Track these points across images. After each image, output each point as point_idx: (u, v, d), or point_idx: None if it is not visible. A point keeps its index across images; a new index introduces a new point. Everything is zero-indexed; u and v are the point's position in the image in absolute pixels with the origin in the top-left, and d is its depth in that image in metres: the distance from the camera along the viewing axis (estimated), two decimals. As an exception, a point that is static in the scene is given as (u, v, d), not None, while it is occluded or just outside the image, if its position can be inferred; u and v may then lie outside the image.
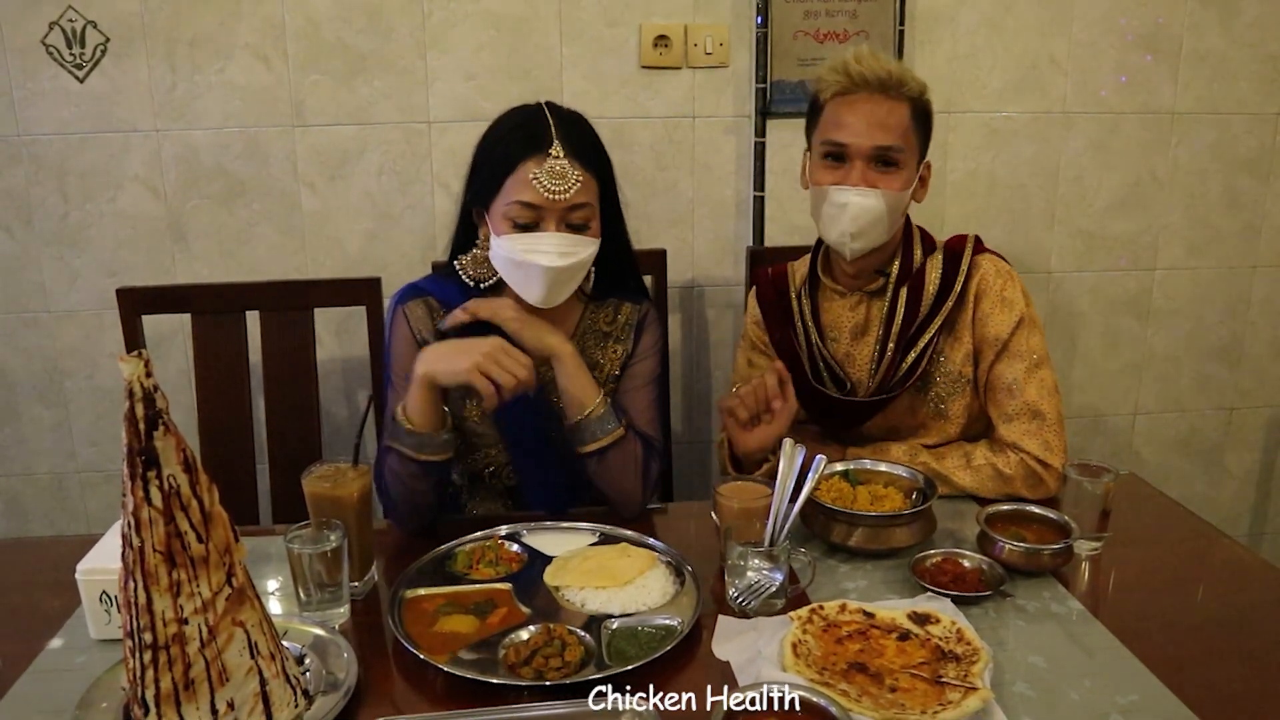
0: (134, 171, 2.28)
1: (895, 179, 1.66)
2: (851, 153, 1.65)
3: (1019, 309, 1.72)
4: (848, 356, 1.80)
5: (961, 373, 1.74)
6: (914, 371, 1.72)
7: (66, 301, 2.36)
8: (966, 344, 1.74)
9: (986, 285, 1.73)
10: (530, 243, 1.56)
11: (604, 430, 1.61)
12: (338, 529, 1.33)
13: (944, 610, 1.30)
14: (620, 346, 1.76)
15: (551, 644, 1.24)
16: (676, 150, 2.39)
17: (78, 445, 2.47)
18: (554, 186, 1.54)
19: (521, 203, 1.55)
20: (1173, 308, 2.69)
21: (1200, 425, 2.81)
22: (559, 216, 1.56)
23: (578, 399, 1.61)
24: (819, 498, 1.51)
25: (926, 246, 1.78)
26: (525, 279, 1.59)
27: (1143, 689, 1.19)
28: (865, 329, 1.78)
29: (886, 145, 1.64)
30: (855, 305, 1.79)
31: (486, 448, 1.74)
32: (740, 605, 1.35)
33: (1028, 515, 1.53)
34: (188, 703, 1.08)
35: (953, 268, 1.74)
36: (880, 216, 1.66)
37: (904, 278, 1.75)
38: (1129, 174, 2.56)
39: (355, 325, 2.34)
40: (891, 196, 1.65)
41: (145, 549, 1.05)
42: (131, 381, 1.02)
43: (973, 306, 1.73)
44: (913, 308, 1.73)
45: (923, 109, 1.68)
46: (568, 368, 1.61)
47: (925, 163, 1.73)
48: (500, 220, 1.59)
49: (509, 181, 1.56)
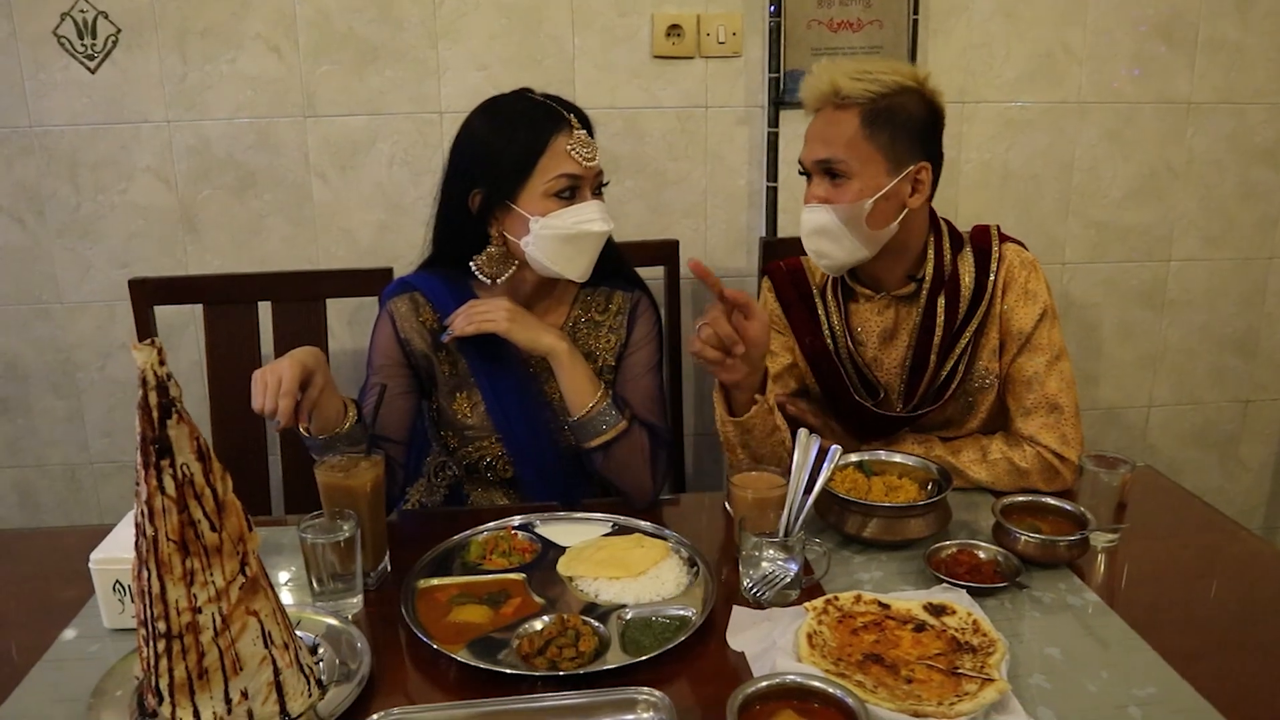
0: (145, 162, 2.28)
1: (844, 190, 1.60)
2: (807, 169, 1.66)
3: (1042, 301, 1.70)
4: (875, 361, 1.77)
5: (989, 368, 1.72)
6: (952, 380, 1.71)
7: (79, 293, 2.36)
8: (993, 339, 1.72)
9: (1012, 276, 1.71)
10: (580, 213, 1.60)
11: (608, 424, 1.61)
12: (351, 519, 1.33)
13: (960, 601, 1.29)
14: (614, 336, 1.76)
15: (565, 634, 1.24)
16: (689, 140, 2.37)
17: (90, 436, 2.47)
18: (587, 154, 1.60)
19: (566, 175, 1.58)
20: (1188, 299, 2.67)
21: (1215, 417, 2.79)
22: (592, 184, 1.62)
23: (578, 395, 1.61)
24: (833, 488, 1.51)
25: (954, 243, 1.73)
26: (577, 252, 1.61)
27: (1160, 681, 1.18)
28: (894, 334, 1.75)
29: (824, 158, 1.61)
30: (883, 309, 1.75)
31: (480, 440, 1.73)
32: (755, 596, 1.34)
33: (1044, 507, 1.52)
34: (201, 692, 1.08)
35: (983, 266, 1.71)
36: (834, 230, 1.62)
37: (939, 283, 1.70)
38: (1144, 164, 2.54)
39: (367, 316, 2.33)
40: (843, 210, 1.60)
41: (159, 538, 1.05)
42: (145, 370, 1.02)
43: (1000, 300, 1.71)
44: (951, 314, 1.70)
45: (884, 112, 1.58)
46: (565, 365, 1.61)
47: (918, 166, 1.62)
48: (540, 200, 1.59)
49: (544, 160, 1.58)
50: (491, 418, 1.70)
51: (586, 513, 1.60)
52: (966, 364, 1.71)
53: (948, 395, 1.71)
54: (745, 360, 1.52)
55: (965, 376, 1.72)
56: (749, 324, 1.49)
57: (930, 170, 1.65)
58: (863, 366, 1.76)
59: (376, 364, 1.70)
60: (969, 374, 1.72)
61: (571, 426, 1.63)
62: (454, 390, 1.70)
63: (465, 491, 1.80)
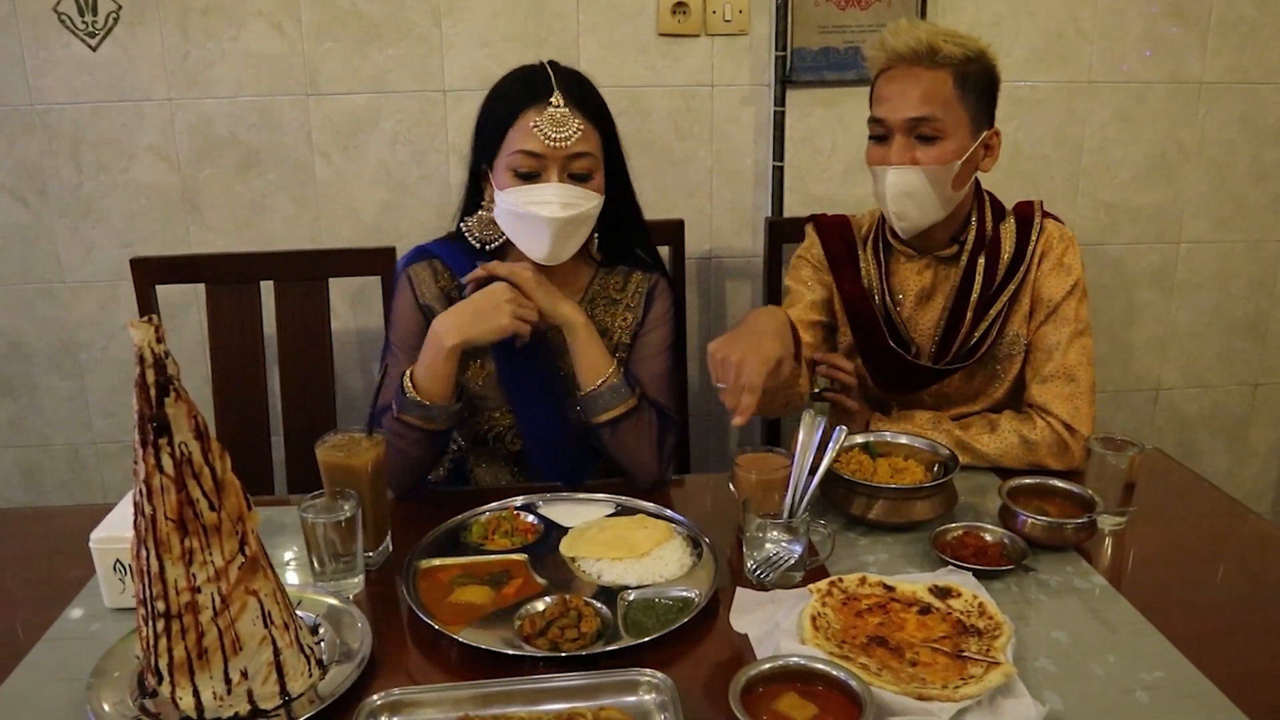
0: (147, 141, 2.27)
1: (936, 151, 1.61)
2: (890, 128, 1.63)
3: (1075, 274, 1.72)
4: (910, 320, 1.79)
5: (1019, 334, 1.74)
6: (984, 341, 1.72)
7: (81, 272, 2.35)
8: (1026, 305, 1.74)
9: (1050, 247, 1.73)
10: (532, 194, 1.55)
11: (617, 399, 1.59)
12: (352, 499, 1.32)
13: (965, 584, 1.28)
14: (630, 315, 1.74)
15: (567, 615, 1.23)
16: (695, 119, 2.35)
17: (93, 416, 2.47)
18: (555, 134, 1.53)
19: (523, 151, 1.55)
20: (1197, 281, 2.64)
21: (1224, 401, 2.77)
22: (560, 166, 1.56)
23: (590, 369, 1.60)
24: (838, 470, 1.50)
25: (996, 212, 1.76)
26: (528, 232, 1.58)
27: (1167, 665, 1.17)
28: (931, 294, 1.77)
29: (919, 116, 1.60)
30: (923, 270, 1.77)
31: (490, 411, 1.72)
32: (758, 578, 1.33)
33: (1051, 489, 1.51)
34: (201, 672, 1.08)
35: (1025, 234, 1.73)
36: (922, 192, 1.63)
37: (980, 245, 1.73)
38: (1155, 145, 2.51)
39: (370, 296, 2.33)
40: (934, 171, 1.61)
41: (157, 517, 1.04)
42: (142, 347, 1.01)
43: (1036, 267, 1.73)
44: (990, 275, 1.72)
45: (974, 75, 1.63)
46: (580, 338, 1.60)
47: (992, 130, 1.68)
48: (503, 173, 1.58)
49: (510, 133, 1.56)
50: (503, 388, 1.69)
51: (590, 494, 1.59)
52: (1000, 327, 1.73)
53: (978, 356, 1.73)
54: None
55: (997, 340, 1.74)
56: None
57: (1000, 136, 1.69)
58: (897, 322, 1.78)
59: (398, 332, 1.69)
60: (1000, 337, 1.74)
61: (581, 401, 1.62)
62: (468, 358, 1.69)
63: (470, 467, 1.79)
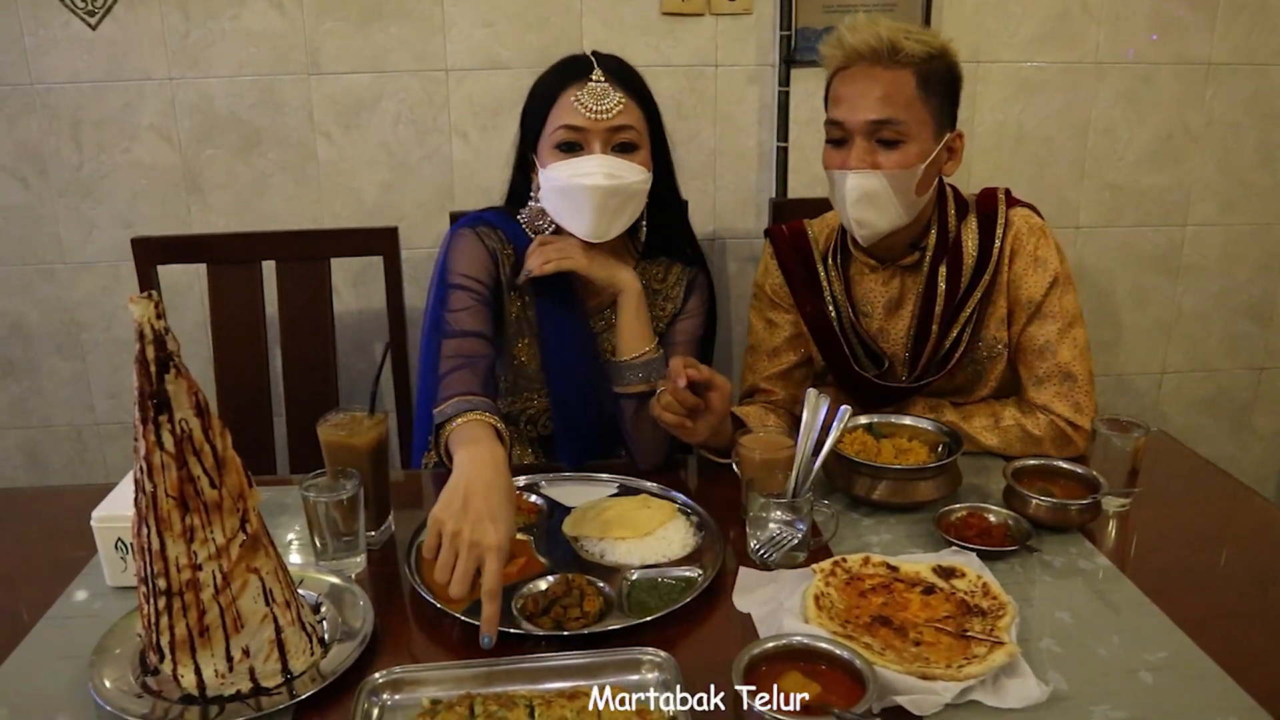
0: (148, 121, 2.25)
1: (899, 156, 1.54)
2: (849, 130, 1.55)
3: (1052, 268, 1.65)
4: (881, 332, 1.74)
5: (996, 337, 1.69)
6: (955, 349, 1.67)
7: (82, 253, 2.34)
8: (1001, 308, 1.68)
9: (1020, 244, 1.66)
10: (575, 166, 1.56)
11: (651, 376, 1.60)
12: (353, 478, 1.31)
13: (970, 565, 1.28)
14: (670, 304, 1.75)
15: (570, 594, 1.23)
16: (698, 100, 2.34)
17: (96, 398, 2.46)
18: (596, 106, 1.54)
19: (565, 126, 1.56)
20: (1203, 265, 2.63)
21: (1229, 385, 2.76)
22: (604, 139, 1.56)
23: (635, 339, 1.60)
24: (842, 451, 1.49)
25: (960, 209, 1.69)
26: (574, 207, 1.58)
27: (1172, 646, 1.16)
28: (900, 303, 1.72)
29: (880, 119, 1.52)
30: (889, 280, 1.71)
31: (528, 392, 1.72)
32: (761, 557, 1.33)
33: (1055, 470, 1.51)
34: (203, 649, 1.07)
35: (988, 233, 1.66)
36: (883, 199, 1.56)
37: (941, 252, 1.66)
38: (1161, 127, 2.49)
39: (372, 277, 2.32)
40: (897, 176, 1.54)
41: (158, 494, 1.03)
42: (142, 323, 1.00)
43: (1007, 268, 1.66)
44: (953, 284, 1.66)
45: (937, 74, 1.54)
46: (632, 305, 1.60)
47: (955, 134, 1.60)
48: (547, 152, 1.58)
49: (553, 111, 1.58)
50: (547, 368, 1.69)
51: (593, 474, 1.59)
52: (972, 333, 1.68)
53: (951, 365, 1.68)
54: (706, 425, 1.53)
55: (970, 346, 1.69)
56: (712, 395, 1.51)
57: (963, 139, 1.62)
58: (865, 337, 1.73)
59: (462, 272, 1.64)
60: (975, 343, 1.69)
61: (612, 366, 1.62)
62: (517, 335, 1.69)
63: None
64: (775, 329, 1.80)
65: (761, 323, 1.82)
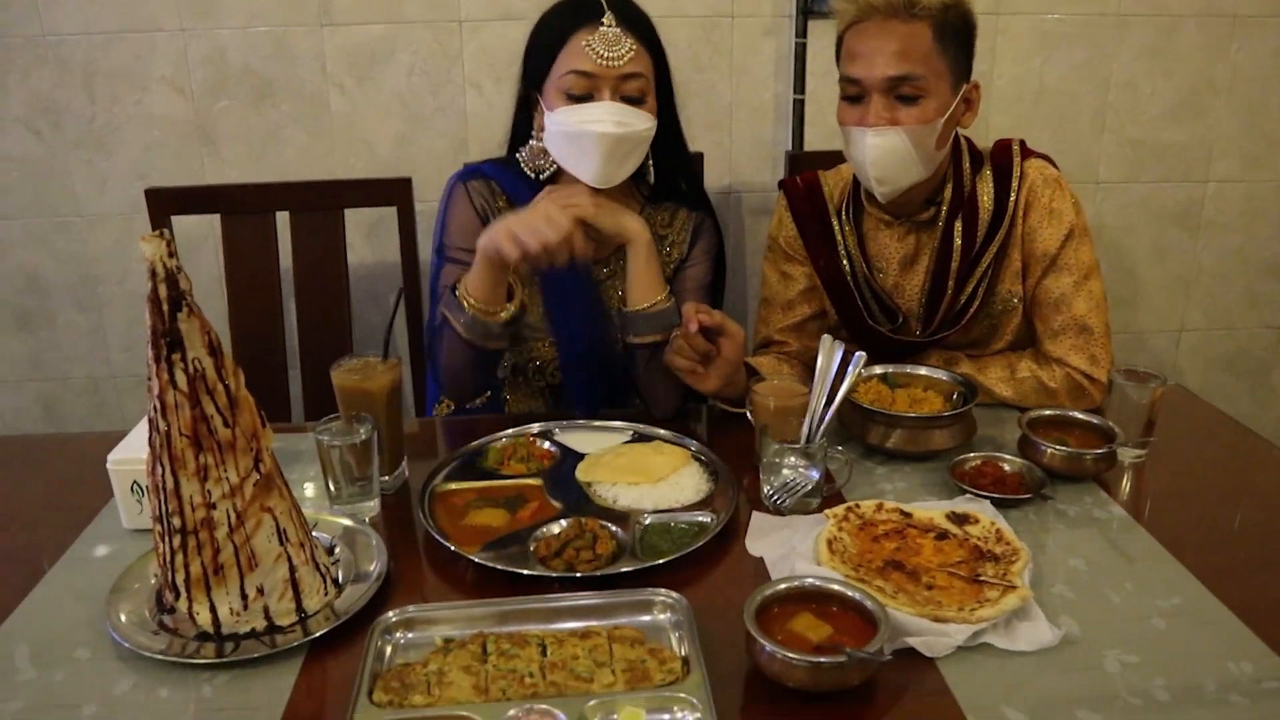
0: (160, 72, 2.24)
1: (918, 111, 1.51)
2: (866, 87, 1.52)
3: (1067, 220, 1.63)
4: (896, 287, 1.72)
5: (1012, 291, 1.67)
6: (971, 304, 1.66)
7: (97, 205, 2.34)
8: (1016, 262, 1.66)
9: (1034, 196, 1.64)
10: (584, 112, 1.53)
11: (663, 326, 1.57)
12: (367, 422, 1.31)
13: (983, 511, 1.27)
14: (675, 250, 1.73)
15: (583, 537, 1.23)
16: (714, 51, 2.31)
17: (112, 351, 2.48)
18: (607, 53, 1.51)
19: (576, 71, 1.53)
20: (1224, 221, 2.59)
21: (1248, 344, 2.73)
22: (613, 86, 1.54)
23: (645, 288, 1.57)
24: (857, 400, 1.48)
25: (974, 162, 1.67)
26: (580, 153, 1.56)
27: (1186, 593, 1.16)
28: (915, 259, 1.70)
29: (900, 75, 1.49)
30: (904, 235, 1.69)
31: (535, 342, 1.71)
32: (775, 503, 1.33)
33: (1071, 421, 1.49)
34: (217, 587, 1.08)
35: (1003, 186, 1.64)
36: (904, 156, 1.53)
37: (956, 207, 1.64)
38: (1185, 80, 2.45)
39: (386, 229, 2.31)
40: (916, 132, 1.51)
41: (172, 433, 1.04)
42: (153, 261, 1.00)
43: (1021, 221, 1.65)
44: (968, 239, 1.64)
45: (953, 25, 1.51)
46: (642, 254, 1.57)
47: (971, 84, 1.56)
48: (554, 95, 1.56)
49: (562, 54, 1.54)
50: (549, 319, 1.69)
51: (606, 421, 1.59)
52: (987, 288, 1.66)
53: (966, 320, 1.67)
54: (718, 373, 1.51)
55: (985, 301, 1.67)
56: (724, 342, 1.50)
57: (980, 89, 1.59)
58: (880, 292, 1.71)
59: (454, 241, 1.66)
60: (989, 298, 1.68)
61: (625, 317, 1.60)
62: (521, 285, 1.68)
63: (505, 396, 1.79)
64: (789, 281, 1.78)
65: (775, 275, 1.81)
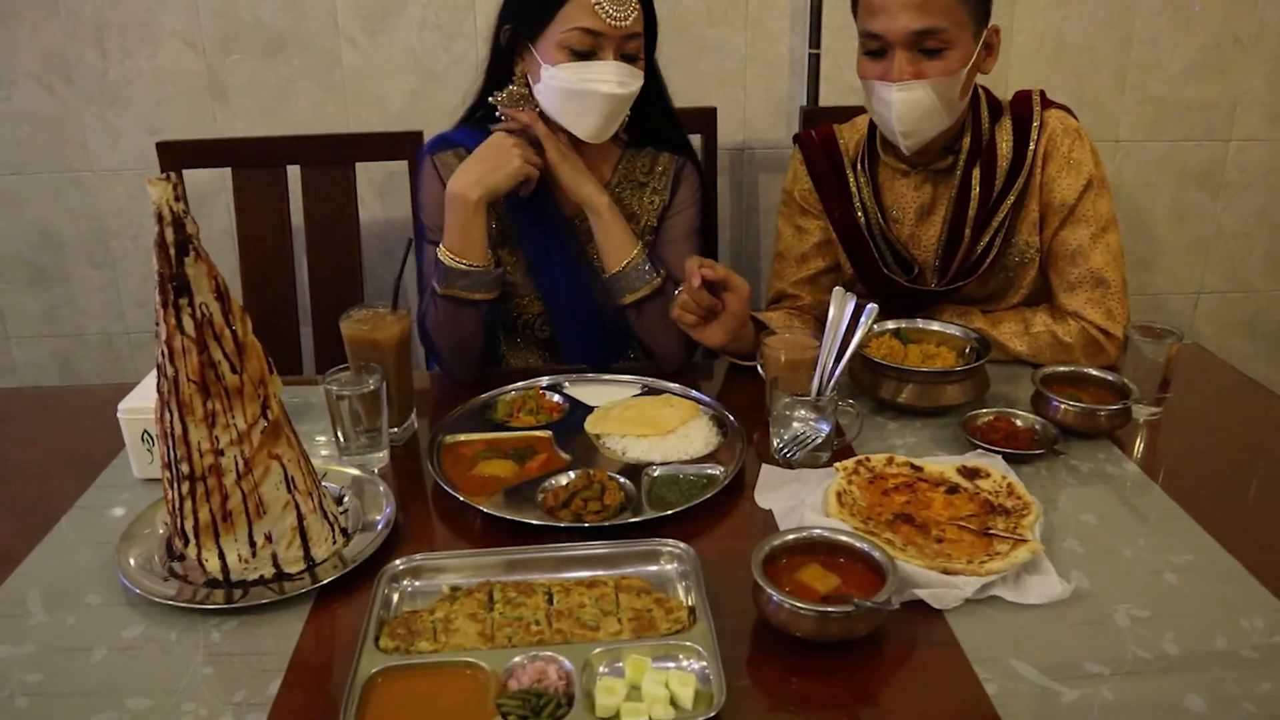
0: (172, 26, 2.23)
1: (942, 63, 1.48)
2: (889, 41, 1.49)
3: (1086, 170, 1.61)
4: (912, 238, 1.70)
5: (1029, 242, 1.65)
6: (987, 255, 1.64)
7: (110, 160, 2.34)
8: (1034, 212, 1.64)
9: (1054, 145, 1.62)
10: (590, 71, 1.52)
11: (642, 281, 1.58)
12: (376, 372, 1.31)
13: (995, 466, 1.26)
14: (658, 198, 1.72)
15: (591, 488, 1.23)
16: (729, 5, 2.28)
17: (125, 306, 2.48)
18: (616, 13, 1.50)
19: (583, 29, 1.51)
20: (1246, 181, 2.55)
21: (1268, 307, 2.70)
22: (616, 45, 1.53)
23: (615, 251, 1.58)
24: (869, 354, 1.47)
25: (993, 111, 1.65)
26: (581, 110, 1.55)
27: (1198, 550, 1.15)
28: (931, 208, 1.68)
29: (924, 28, 1.46)
30: (920, 185, 1.68)
31: (520, 298, 1.71)
32: (785, 456, 1.32)
33: (1085, 377, 1.48)
34: (226, 534, 1.08)
35: (1023, 135, 1.62)
36: (930, 109, 1.51)
37: (975, 155, 1.62)
38: (1209, 36, 2.40)
39: (398, 185, 2.30)
40: (941, 84, 1.49)
41: (179, 379, 1.04)
42: (160, 204, 1.00)
43: (1040, 171, 1.62)
44: (986, 188, 1.62)
45: None
46: (605, 220, 1.58)
47: (991, 28, 1.55)
48: (554, 50, 1.53)
49: (567, 8, 1.51)
50: (533, 277, 1.68)
51: (615, 375, 1.58)
52: (1004, 238, 1.64)
53: (982, 270, 1.65)
54: (723, 327, 1.52)
55: (1002, 251, 1.65)
56: (729, 296, 1.50)
57: (999, 34, 1.56)
58: (895, 242, 1.69)
59: (431, 222, 1.67)
60: (1006, 249, 1.66)
61: (606, 283, 1.60)
62: (498, 245, 1.68)
63: (501, 353, 1.79)
64: (804, 235, 1.77)
65: (790, 229, 1.79)
